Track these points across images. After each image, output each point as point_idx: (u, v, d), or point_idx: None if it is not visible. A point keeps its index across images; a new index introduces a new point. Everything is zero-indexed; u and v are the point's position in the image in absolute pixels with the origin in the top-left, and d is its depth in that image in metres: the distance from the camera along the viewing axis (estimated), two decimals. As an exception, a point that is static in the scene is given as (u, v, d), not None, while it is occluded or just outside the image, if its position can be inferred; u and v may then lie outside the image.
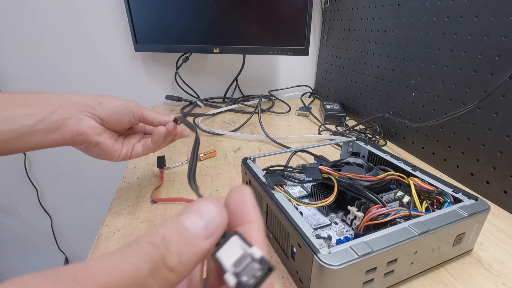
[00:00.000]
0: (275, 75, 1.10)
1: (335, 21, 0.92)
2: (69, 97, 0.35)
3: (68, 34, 0.85)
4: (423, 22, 0.58)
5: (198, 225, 0.14)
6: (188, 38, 0.82)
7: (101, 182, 1.07)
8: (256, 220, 0.15)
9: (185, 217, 0.14)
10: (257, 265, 0.12)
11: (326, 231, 0.36)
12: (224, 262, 0.13)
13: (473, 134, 0.50)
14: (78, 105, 0.35)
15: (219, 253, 0.13)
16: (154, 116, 0.42)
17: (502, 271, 0.35)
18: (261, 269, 0.12)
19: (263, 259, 0.13)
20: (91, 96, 0.37)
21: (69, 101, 0.35)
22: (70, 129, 0.34)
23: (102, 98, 0.37)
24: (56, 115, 0.33)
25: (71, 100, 0.35)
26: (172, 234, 0.13)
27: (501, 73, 0.44)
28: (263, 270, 0.12)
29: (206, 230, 0.14)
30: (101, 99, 0.37)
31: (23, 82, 0.87)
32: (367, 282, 0.28)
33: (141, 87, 0.98)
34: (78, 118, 0.34)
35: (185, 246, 0.13)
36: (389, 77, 0.69)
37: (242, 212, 0.15)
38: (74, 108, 0.34)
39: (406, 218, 0.32)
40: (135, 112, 0.40)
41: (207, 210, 0.14)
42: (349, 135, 0.73)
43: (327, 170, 0.37)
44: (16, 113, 0.31)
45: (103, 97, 0.37)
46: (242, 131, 0.74)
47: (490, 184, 0.48)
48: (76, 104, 0.35)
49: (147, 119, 0.42)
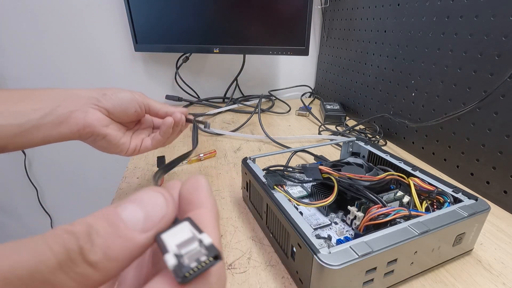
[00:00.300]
0: (275, 75, 1.10)
1: (335, 21, 0.92)
2: (74, 91, 0.35)
3: (68, 34, 0.85)
4: (423, 22, 0.58)
5: (136, 216, 0.12)
6: (188, 38, 0.82)
7: (101, 182, 1.07)
8: (209, 206, 0.14)
9: (122, 206, 0.12)
10: (204, 250, 0.11)
11: (326, 231, 0.36)
12: (167, 242, 0.12)
13: (473, 134, 0.50)
14: (83, 98, 0.35)
15: (164, 235, 0.12)
16: (160, 106, 0.42)
17: (502, 271, 0.35)
18: (206, 255, 0.11)
19: (212, 246, 0.12)
20: (95, 89, 0.37)
21: (74, 95, 0.35)
22: (76, 121, 0.34)
23: (107, 90, 0.37)
24: (62, 108, 0.33)
25: (76, 93, 0.35)
26: (101, 224, 0.11)
27: (501, 73, 0.44)
28: (209, 256, 0.11)
29: (145, 223, 0.12)
30: (106, 90, 0.37)
31: (23, 82, 0.87)
32: (367, 282, 0.28)
33: (141, 87, 0.98)
34: (83, 111, 0.34)
35: (115, 238, 0.11)
36: (389, 77, 0.69)
37: (195, 198, 0.14)
38: (80, 101, 0.35)
39: (406, 218, 0.32)
40: (140, 102, 0.39)
41: (150, 199, 0.12)
42: (349, 135, 0.73)
43: (327, 170, 0.37)
44: (22, 108, 0.31)
45: (107, 89, 0.38)
46: (242, 131, 0.74)
47: (490, 184, 0.48)
48: (81, 97, 0.35)
49: (153, 110, 0.41)
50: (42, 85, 0.88)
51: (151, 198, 0.12)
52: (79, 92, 0.36)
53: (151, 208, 0.12)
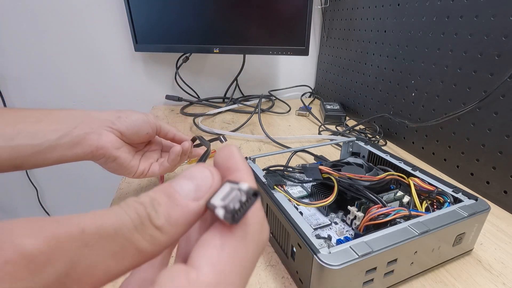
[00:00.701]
0: (275, 75, 1.10)
1: (335, 21, 0.92)
2: (90, 113, 0.37)
3: (68, 34, 0.85)
4: (423, 22, 0.58)
5: (188, 188, 0.14)
6: (188, 38, 0.82)
7: (101, 182, 1.07)
8: (244, 168, 0.15)
9: (176, 181, 0.14)
10: (243, 193, 0.13)
11: (326, 231, 0.36)
12: (215, 202, 0.13)
13: (473, 134, 0.50)
14: (98, 119, 0.37)
15: (212, 199, 0.14)
16: (169, 129, 0.44)
17: (502, 271, 0.35)
18: (246, 194, 0.13)
19: (249, 187, 0.13)
20: (110, 112, 0.39)
21: (90, 117, 0.36)
22: (91, 143, 0.35)
23: (121, 113, 0.39)
24: (78, 130, 0.34)
25: (92, 115, 0.37)
26: (161, 196, 0.13)
27: (501, 73, 0.44)
28: (249, 194, 0.13)
29: (196, 192, 0.14)
30: (120, 113, 0.39)
31: (23, 82, 0.87)
32: (367, 282, 0.28)
33: (141, 87, 0.98)
34: (98, 133, 0.36)
35: (173, 206, 0.13)
36: (389, 77, 0.69)
37: (231, 164, 0.16)
38: (95, 123, 0.36)
39: (406, 218, 0.32)
40: (152, 124, 0.41)
41: (198, 173, 0.14)
42: (349, 135, 0.73)
43: (327, 170, 0.37)
44: (40, 128, 0.33)
45: (122, 112, 0.39)
46: (242, 131, 0.74)
47: (490, 184, 0.48)
48: (96, 119, 0.37)
49: (163, 131, 0.44)
50: (42, 85, 0.88)
51: (200, 173, 0.15)
52: (95, 114, 0.37)
53: (200, 180, 0.14)
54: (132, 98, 0.98)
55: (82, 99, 0.93)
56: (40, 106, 0.90)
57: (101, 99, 0.95)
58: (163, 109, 0.94)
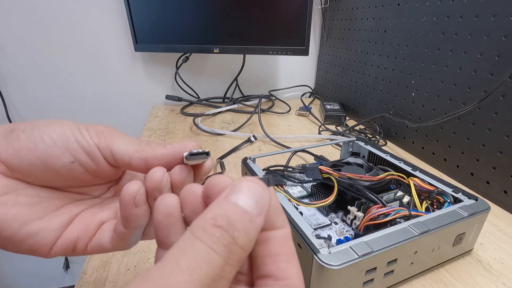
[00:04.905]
0: (275, 75, 1.10)
1: (335, 21, 0.92)
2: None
3: (68, 34, 0.85)
4: (423, 22, 0.58)
5: (251, 203, 0.14)
6: (188, 38, 0.82)
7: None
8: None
9: (236, 196, 0.14)
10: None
11: (326, 231, 0.36)
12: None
13: (473, 134, 0.50)
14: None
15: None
16: (134, 150, 0.20)
17: (502, 271, 0.35)
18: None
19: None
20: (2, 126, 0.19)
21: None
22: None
23: (21, 125, 0.19)
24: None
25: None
26: (233, 213, 0.13)
27: (501, 73, 0.44)
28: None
29: (257, 208, 0.14)
30: (18, 126, 0.19)
31: (23, 82, 0.87)
32: (367, 282, 0.28)
33: (141, 87, 0.98)
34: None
35: (248, 223, 0.13)
36: (389, 77, 0.69)
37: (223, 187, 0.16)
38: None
39: (406, 218, 0.32)
40: (86, 143, 0.19)
41: (254, 189, 0.14)
42: (349, 135, 0.73)
43: (327, 170, 0.37)
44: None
45: (23, 124, 0.19)
46: (242, 131, 0.74)
47: (490, 184, 0.48)
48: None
49: (120, 157, 0.19)
50: (42, 84, 0.88)
51: (254, 188, 0.14)
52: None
53: (257, 195, 0.14)
54: (132, 98, 0.98)
55: (82, 99, 0.93)
56: (40, 105, 0.90)
57: (101, 99, 0.95)
58: (163, 109, 0.94)
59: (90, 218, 0.21)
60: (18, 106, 0.89)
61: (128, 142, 0.20)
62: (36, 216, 0.19)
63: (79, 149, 0.19)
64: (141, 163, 0.19)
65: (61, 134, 0.18)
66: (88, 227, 0.20)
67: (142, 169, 0.20)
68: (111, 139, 0.19)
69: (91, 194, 0.22)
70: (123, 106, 0.98)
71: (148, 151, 0.19)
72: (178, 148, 0.20)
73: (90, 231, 0.20)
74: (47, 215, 0.19)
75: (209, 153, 0.20)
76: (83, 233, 0.20)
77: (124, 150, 0.19)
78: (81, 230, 0.20)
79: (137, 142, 0.20)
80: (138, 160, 0.19)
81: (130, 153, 0.19)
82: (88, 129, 0.19)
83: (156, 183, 0.18)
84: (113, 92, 0.95)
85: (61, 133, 0.19)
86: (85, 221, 0.20)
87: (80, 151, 0.19)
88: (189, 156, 0.19)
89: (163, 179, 0.19)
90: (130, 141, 0.20)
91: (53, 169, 0.18)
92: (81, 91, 0.93)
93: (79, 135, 0.19)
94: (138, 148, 0.20)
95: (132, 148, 0.19)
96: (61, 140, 0.18)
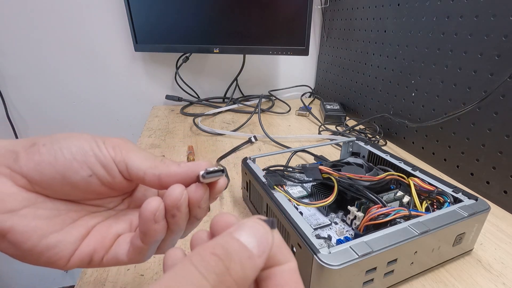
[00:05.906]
0: (275, 75, 1.10)
1: (335, 21, 0.92)
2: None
3: (68, 34, 0.85)
4: (423, 22, 0.58)
5: (252, 241, 0.14)
6: (188, 38, 0.82)
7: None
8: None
9: (239, 233, 0.14)
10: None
11: (326, 231, 0.36)
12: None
13: (473, 134, 0.50)
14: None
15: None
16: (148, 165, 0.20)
17: (502, 271, 0.35)
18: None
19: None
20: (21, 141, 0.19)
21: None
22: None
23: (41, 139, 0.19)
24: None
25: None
26: (232, 246, 0.13)
27: (501, 73, 0.44)
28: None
29: (258, 248, 0.14)
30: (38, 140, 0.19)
31: (23, 82, 0.87)
32: (367, 282, 0.28)
33: (141, 87, 0.98)
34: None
35: (247, 259, 0.13)
36: (389, 77, 0.69)
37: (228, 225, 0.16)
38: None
39: (406, 218, 0.32)
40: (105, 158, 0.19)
41: (257, 230, 0.14)
42: (349, 135, 0.73)
43: (327, 170, 0.37)
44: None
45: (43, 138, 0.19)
46: (242, 131, 0.74)
47: (490, 184, 0.48)
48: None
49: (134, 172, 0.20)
50: (41, 84, 0.88)
51: (257, 227, 0.14)
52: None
53: (259, 236, 0.14)
54: (132, 98, 0.98)
55: (82, 99, 0.93)
56: (40, 105, 0.90)
57: (101, 99, 0.95)
58: (163, 109, 0.94)
59: (106, 230, 0.21)
60: (18, 106, 0.89)
61: (143, 157, 0.20)
62: (55, 229, 0.19)
63: (97, 162, 0.19)
64: (154, 179, 0.20)
65: (79, 148, 0.19)
66: (104, 240, 0.21)
67: (155, 185, 0.20)
68: (127, 153, 0.20)
69: (106, 206, 0.23)
70: (123, 106, 0.98)
71: (162, 168, 0.20)
72: (192, 167, 0.20)
73: (106, 243, 0.21)
74: (65, 228, 0.20)
75: (224, 169, 0.20)
76: (99, 245, 0.20)
77: (139, 165, 0.20)
78: (98, 242, 0.20)
79: (151, 157, 0.21)
80: (152, 176, 0.20)
81: (144, 168, 0.20)
82: (105, 142, 0.20)
83: (175, 201, 0.19)
84: (113, 92, 0.95)
85: (80, 146, 0.19)
86: (101, 234, 0.21)
87: (98, 164, 0.19)
88: (206, 174, 0.19)
89: (181, 197, 0.19)
90: (145, 156, 0.20)
91: (72, 183, 0.19)
92: (81, 91, 0.93)
93: (96, 149, 0.19)
94: (153, 164, 0.20)
95: (146, 164, 0.20)
96: (79, 154, 0.19)
